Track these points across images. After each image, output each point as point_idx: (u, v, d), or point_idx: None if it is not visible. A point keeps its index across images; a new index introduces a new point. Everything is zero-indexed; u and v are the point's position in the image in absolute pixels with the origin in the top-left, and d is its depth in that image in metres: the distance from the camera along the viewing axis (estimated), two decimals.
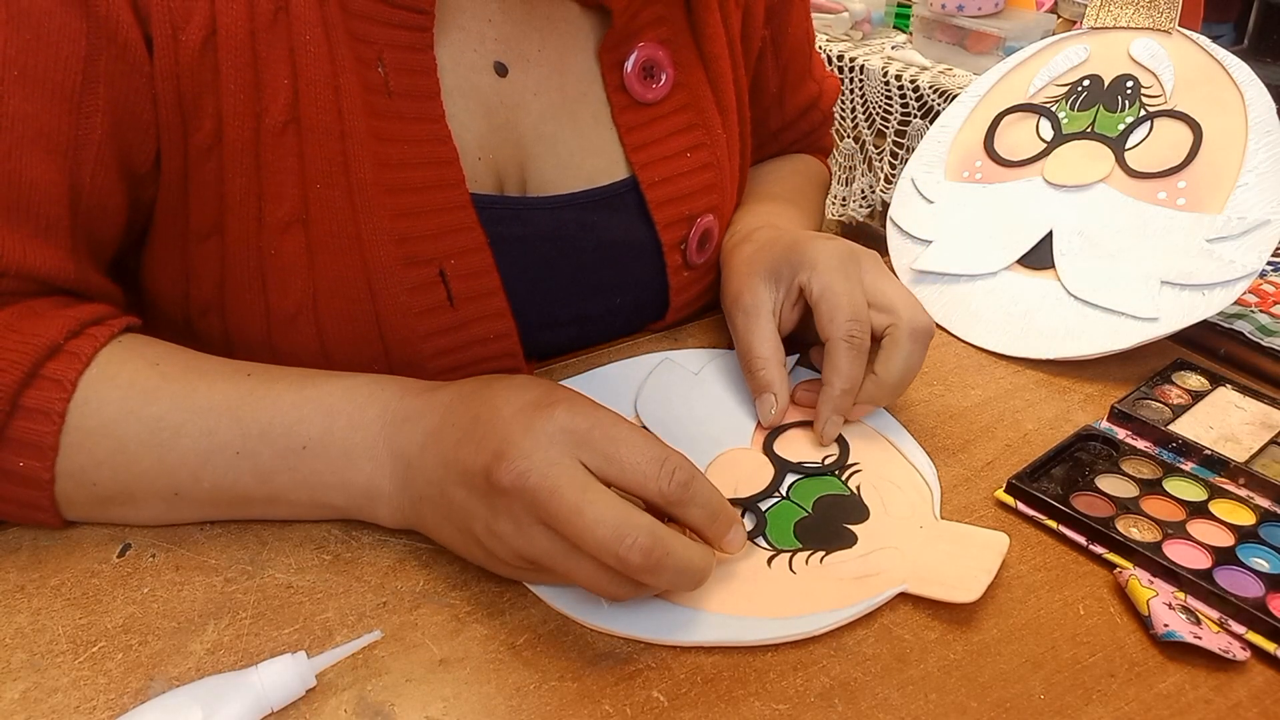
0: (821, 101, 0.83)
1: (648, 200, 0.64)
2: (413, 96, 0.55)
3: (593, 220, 0.63)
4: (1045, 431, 0.58)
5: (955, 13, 1.62)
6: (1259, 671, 0.43)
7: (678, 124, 0.66)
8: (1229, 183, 0.64)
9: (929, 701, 0.41)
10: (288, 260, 0.54)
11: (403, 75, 0.55)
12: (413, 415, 0.47)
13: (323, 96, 0.52)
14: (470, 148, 0.58)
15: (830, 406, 0.55)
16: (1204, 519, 0.50)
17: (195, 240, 0.54)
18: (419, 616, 0.45)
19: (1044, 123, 0.72)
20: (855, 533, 0.50)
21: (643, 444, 0.43)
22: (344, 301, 0.55)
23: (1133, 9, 0.72)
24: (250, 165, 0.52)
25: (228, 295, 0.55)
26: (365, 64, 0.54)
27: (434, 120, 0.56)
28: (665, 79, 0.65)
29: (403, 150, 0.55)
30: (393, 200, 0.54)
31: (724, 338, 0.66)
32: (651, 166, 0.64)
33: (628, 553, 0.40)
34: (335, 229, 0.54)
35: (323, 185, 0.53)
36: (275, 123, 0.52)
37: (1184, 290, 0.61)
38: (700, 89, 0.67)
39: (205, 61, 0.50)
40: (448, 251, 0.56)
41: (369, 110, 0.54)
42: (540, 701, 0.41)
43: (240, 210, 0.53)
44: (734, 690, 0.42)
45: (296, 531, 0.50)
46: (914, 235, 0.72)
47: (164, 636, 0.44)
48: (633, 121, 0.64)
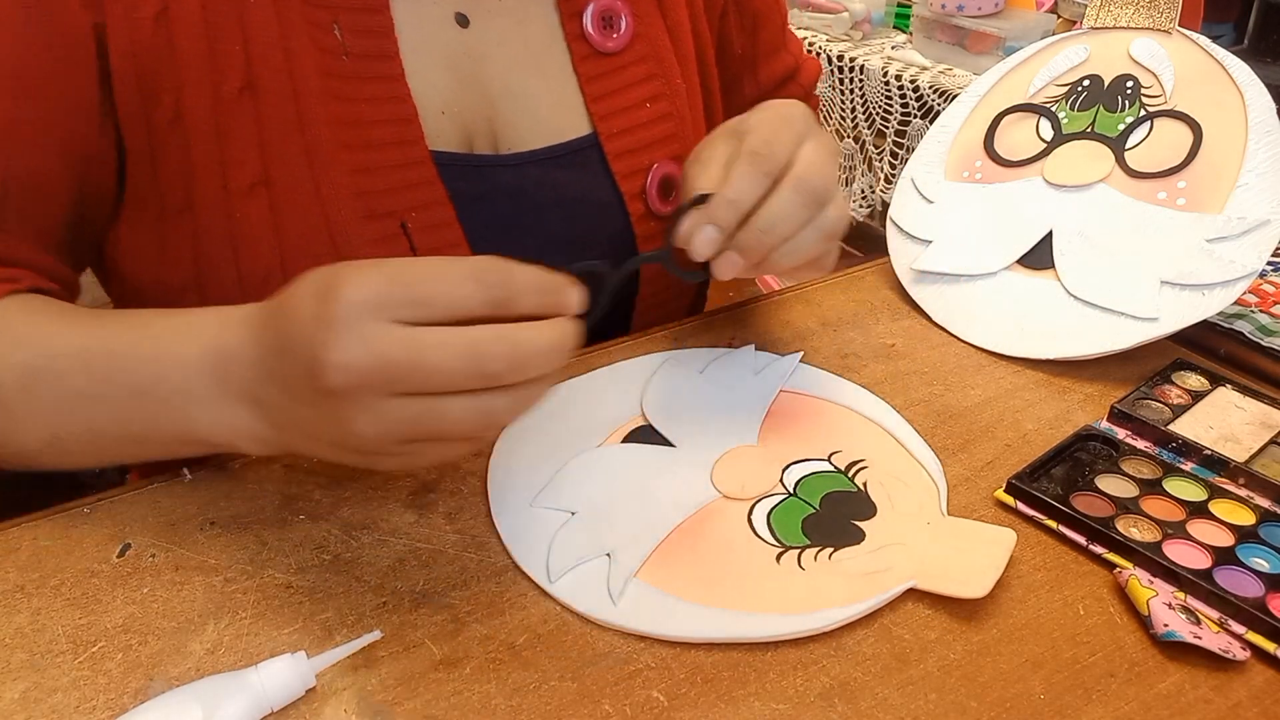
0: (800, 76, 0.83)
1: (606, 152, 0.65)
2: (370, 57, 0.57)
3: (555, 178, 0.64)
4: (1045, 431, 0.58)
5: (955, 13, 1.62)
6: (1259, 671, 0.43)
7: (638, 74, 0.66)
8: (1229, 183, 0.64)
9: (929, 701, 0.41)
10: (255, 224, 0.55)
11: (359, 37, 0.57)
12: (234, 352, 0.45)
13: (273, 60, 0.54)
14: (433, 103, 0.60)
15: (705, 215, 0.51)
16: (1204, 519, 0.50)
17: (170, 217, 0.56)
18: (419, 616, 0.45)
19: (1044, 123, 0.72)
20: (863, 529, 0.50)
21: (443, 271, 0.40)
22: (311, 260, 0.55)
23: (1133, 9, 0.72)
24: (211, 134, 0.54)
25: (202, 269, 0.56)
26: (321, 27, 0.56)
27: (392, 79, 0.58)
28: (625, 28, 0.65)
29: (360, 109, 0.57)
30: (351, 157, 0.56)
31: (725, 337, 0.66)
32: (611, 118, 0.65)
33: (488, 364, 0.39)
34: (295, 186, 0.55)
35: (280, 145, 0.55)
36: (231, 90, 0.54)
37: (1184, 290, 0.61)
38: (659, 39, 0.67)
39: (160, 37, 0.52)
40: (408, 205, 0.58)
41: (325, 71, 0.56)
42: (540, 701, 0.41)
43: (206, 180, 0.54)
44: (734, 690, 0.42)
45: (296, 531, 0.50)
46: (914, 235, 0.72)
47: (164, 636, 0.44)
48: (593, 71, 0.65)
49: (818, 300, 0.71)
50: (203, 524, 0.50)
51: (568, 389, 0.61)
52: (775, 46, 0.80)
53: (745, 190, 0.51)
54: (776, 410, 0.59)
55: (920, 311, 0.69)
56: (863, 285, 0.73)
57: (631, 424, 0.57)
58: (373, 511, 0.51)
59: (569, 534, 0.49)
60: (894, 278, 0.72)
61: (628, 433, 0.57)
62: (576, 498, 0.52)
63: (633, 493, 0.52)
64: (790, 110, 0.55)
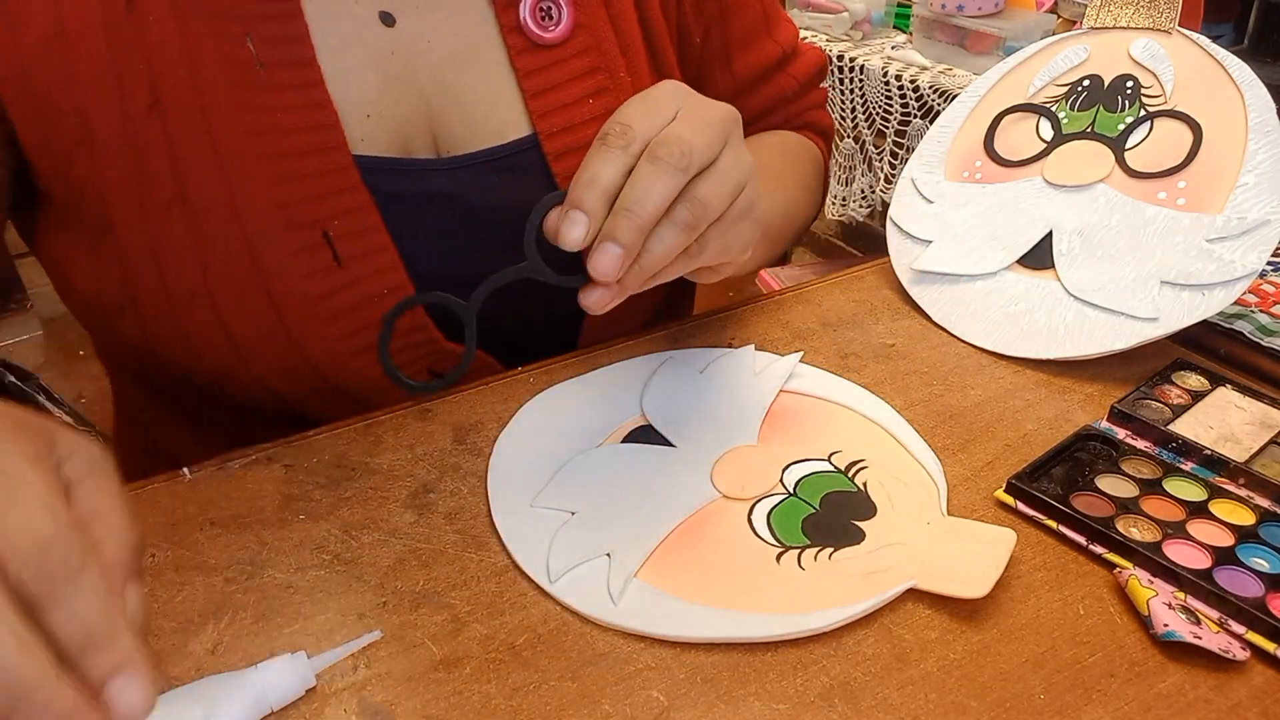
0: (791, 66, 0.78)
1: (546, 153, 0.62)
2: (286, 66, 0.56)
3: (491, 182, 0.61)
4: (1045, 431, 0.58)
5: (955, 13, 1.62)
6: (1259, 671, 0.43)
7: (579, 68, 0.63)
8: (1229, 183, 0.64)
9: (929, 701, 0.41)
10: (175, 241, 0.55)
11: (273, 46, 0.56)
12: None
13: (177, 75, 0.54)
14: (357, 106, 0.58)
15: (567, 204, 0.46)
16: (1204, 519, 0.50)
17: (95, 236, 0.56)
18: (419, 616, 0.45)
19: (1044, 123, 0.72)
20: (863, 529, 0.50)
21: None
22: (232, 273, 0.56)
23: (1133, 9, 0.72)
24: (123, 152, 0.54)
25: (132, 289, 0.56)
26: (230, 40, 0.55)
27: (310, 86, 0.56)
28: (564, 18, 0.62)
29: (277, 118, 0.55)
30: (269, 167, 0.55)
31: (725, 337, 0.66)
32: (550, 115, 0.62)
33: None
34: (211, 202, 0.55)
35: (192, 161, 0.54)
36: (139, 108, 0.53)
37: (1184, 290, 0.61)
38: (602, 30, 0.64)
39: (53, 59, 0.52)
40: (331, 213, 0.57)
41: (234, 82, 0.55)
42: (540, 701, 0.41)
43: (123, 199, 0.54)
44: (734, 690, 0.42)
45: (296, 531, 0.50)
46: (914, 235, 0.72)
47: (164, 636, 0.44)
48: (531, 65, 0.62)
49: (818, 300, 0.71)
50: (203, 524, 0.50)
51: (568, 389, 0.61)
52: (753, 34, 0.75)
53: (600, 168, 0.45)
54: (776, 410, 0.59)
55: (920, 311, 0.69)
56: (863, 285, 0.73)
57: (631, 424, 0.57)
58: (373, 511, 0.51)
59: (569, 534, 0.49)
60: (894, 278, 0.72)
61: (628, 433, 0.57)
62: (576, 498, 0.52)
63: (633, 493, 0.52)
64: (659, 92, 0.49)
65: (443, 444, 0.56)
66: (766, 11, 0.76)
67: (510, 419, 0.58)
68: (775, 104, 0.79)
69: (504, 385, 0.62)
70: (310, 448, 0.56)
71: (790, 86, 0.79)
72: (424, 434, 0.57)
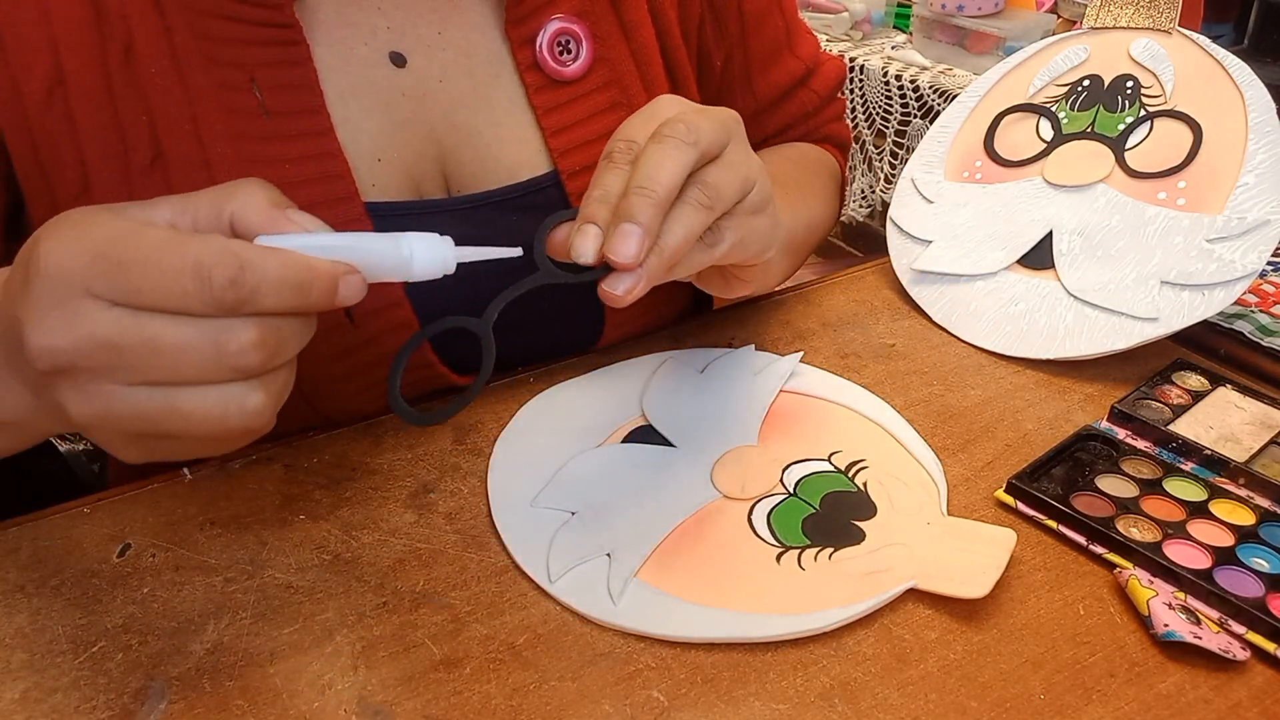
0: (813, 81, 0.76)
1: (568, 192, 0.60)
2: (293, 114, 0.54)
3: (510, 221, 0.59)
4: (1045, 431, 0.58)
5: (955, 13, 1.63)
6: (1259, 671, 0.43)
7: (600, 103, 0.61)
8: (1229, 183, 0.64)
9: (929, 701, 0.41)
10: None
11: (280, 93, 0.53)
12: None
13: (180, 127, 0.52)
14: (367, 150, 0.56)
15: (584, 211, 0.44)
16: (1204, 519, 0.50)
17: None
18: (419, 616, 0.45)
19: (1044, 123, 0.72)
20: (863, 529, 0.50)
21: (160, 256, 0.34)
22: None
23: (1133, 9, 0.72)
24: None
25: None
26: (234, 89, 0.53)
27: (319, 134, 0.54)
28: (584, 53, 0.60)
29: (284, 170, 0.53)
30: None
31: (725, 337, 0.66)
32: (572, 154, 0.60)
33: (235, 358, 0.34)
34: None
35: None
36: (142, 161, 0.52)
37: (1184, 290, 0.61)
38: (623, 64, 0.62)
39: (55, 110, 0.50)
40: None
41: (239, 134, 0.53)
42: (540, 701, 0.41)
43: None
44: (734, 690, 0.42)
45: (296, 531, 0.50)
46: (914, 235, 0.72)
47: (164, 636, 0.44)
48: (550, 102, 0.60)
49: (818, 300, 0.71)
50: (203, 524, 0.50)
51: (568, 389, 0.61)
52: (775, 52, 0.73)
53: (610, 183, 0.44)
54: (776, 410, 0.59)
55: (920, 311, 0.69)
56: (863, 285, 0.73)
57: (631, 424, 0.57)
58: (373, 511, 0.51)
59: (569, 534, 0.49)
60: (894, 278, 0.72)
61: (628, 433, 0.57)
62: (576, 498, 0.52)
63: (633, 493, 0.52)
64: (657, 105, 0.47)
65: (443, 444, 0.56)
66: (789, 26, 0.74)
67: (510, 419, 0.58)
68: (796, 120, 0.78)
69: (504, 385, 0.62)
70: (310, 448, 0.56)
71: (812, 102, 0.77)
72: (424, 434, 0.57)
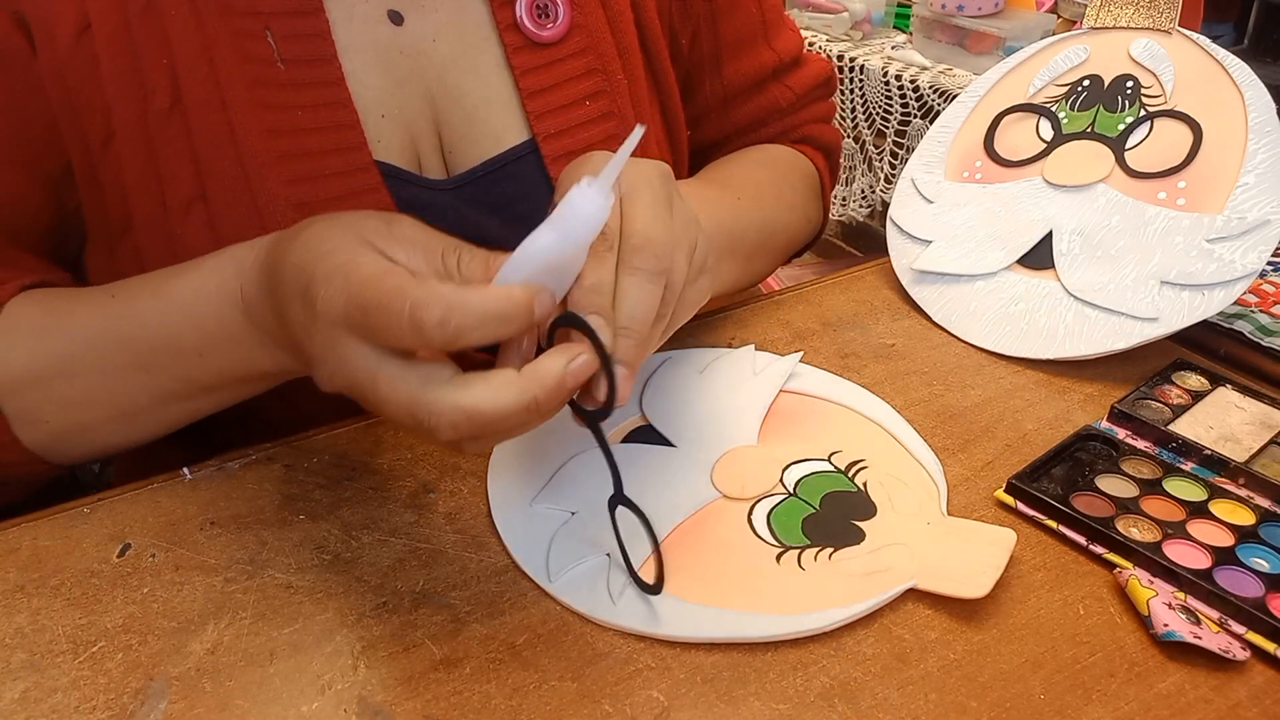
0: (789, 77, 0.75)
1: (544, 156, 0.62)
2: (307, 62, 0.56)
3: (496, 194, 0.61)
4: (1045, 431, 0.58)
5: (955, 13, 1.62)
6: (1259, 671, 0.43)
7: (576, 68, 0.63)
8: (1229, 183, 0.64)
9: (929, 701, 0.41)
10: (194, 240, 0.54)
11: (294, 42, 0.55)
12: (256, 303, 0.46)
13: (199, 73, 0.53)
14: (372, 105, 0.58)
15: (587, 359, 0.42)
16: (1204, 519, 0.50)
17: (116, 238, 0.56)
18: (419, 616, 0.45)
19: (1044, 123, 0.72)
20: (863, 529, 0.50)
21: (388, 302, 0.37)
22: None
23: (1133, 9, 0.72)
24: (144, 150, 0.54)
25: None
26: (250, 36, 0.54)
27: (332, 84, 0.56)
28: (561, 17, 0.62)
29: (297, 117, 0.55)
30: (290, 166, 0.55)
31: (725, 337, 0.66)
32: (548, 117, 0.62)
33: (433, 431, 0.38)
34: (232, 199, 0.54)
35: (213, 160, 0.54)
36: (161, 106, 0.53)
37: (1184, 290, 0.61)
38: (599, 30, 0.63)
39: (82, 55, 0.52)
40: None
41: (254, 80, 0.54)
42: (540, 701, 0.41)
43: (144, 199, 0.54)
44: (734, 690, 0.42)
45: (296, 531, 0.50)
46: (914, 235, 0.72)
47: (164, 636, 0.44)
48: (528, 63, 0.61)
49: (818, 300, 0.71)
50: (203, 524, 0.50)
51: None
52: (748, 41, 0.73)
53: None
54: (776, 410, 0.59)
55: (920, 311, 0.69)
56: (863, 285, 0.73)
57: (631, 424, 0.57)
58: (373, 511, 0.51)
59: (569, 534, 0.49)
60: (894, 278, 0.72)
61: (628, 433, 0.57)
62: (576, 498, 0.52)
63: (633, 493, 0.52)
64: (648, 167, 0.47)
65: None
66: (766, 18, 0.74)
67: None
68: (768, 115, 0.77)
69: None
70: (310, 448, 0.56)
71: (785, 98, 0.76)
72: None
